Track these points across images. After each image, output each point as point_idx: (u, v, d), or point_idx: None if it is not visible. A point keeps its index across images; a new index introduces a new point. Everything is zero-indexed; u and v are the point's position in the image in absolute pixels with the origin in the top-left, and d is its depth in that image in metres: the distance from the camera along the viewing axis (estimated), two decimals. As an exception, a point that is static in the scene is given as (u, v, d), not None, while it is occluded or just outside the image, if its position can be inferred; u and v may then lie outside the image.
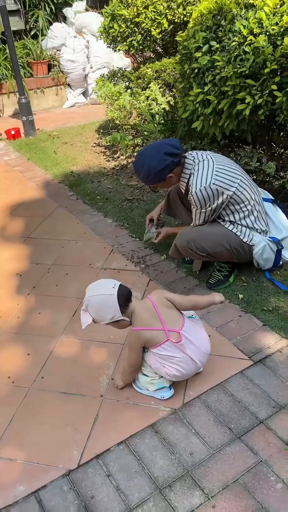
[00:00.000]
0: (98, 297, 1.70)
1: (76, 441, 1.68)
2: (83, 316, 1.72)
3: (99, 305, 1.69)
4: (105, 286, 1.73)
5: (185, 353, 1.72)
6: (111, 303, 1.67)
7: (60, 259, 2.86)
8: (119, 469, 1.58)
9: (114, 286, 1.70)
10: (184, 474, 1.54)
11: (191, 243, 2.31)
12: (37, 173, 4.38)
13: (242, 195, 2.26)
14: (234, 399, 1.80)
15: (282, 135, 3.04)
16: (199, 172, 2.22)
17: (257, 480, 1.51)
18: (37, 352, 2.12)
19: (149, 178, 2.27)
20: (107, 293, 1.68)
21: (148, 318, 1.72)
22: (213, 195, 2.20)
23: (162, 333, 1.70)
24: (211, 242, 2.31)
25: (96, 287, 1.75)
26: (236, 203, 2.27)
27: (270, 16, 2.44)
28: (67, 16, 7.14)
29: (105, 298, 1.68)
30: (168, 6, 4.26)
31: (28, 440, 1.70)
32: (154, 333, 1.70)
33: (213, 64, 2.63)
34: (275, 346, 2.04)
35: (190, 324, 1.78)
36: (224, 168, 2.24)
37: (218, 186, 2.19)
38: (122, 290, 1.70)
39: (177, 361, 1.72)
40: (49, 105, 6.97)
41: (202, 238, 2.30)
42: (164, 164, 2.21)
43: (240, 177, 2.26)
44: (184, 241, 2.33)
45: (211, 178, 2.19)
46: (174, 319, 1.75)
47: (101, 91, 4.54)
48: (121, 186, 3.89)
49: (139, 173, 2.28)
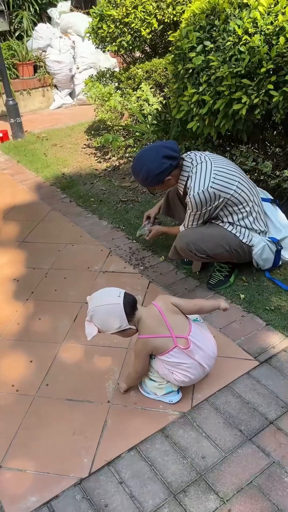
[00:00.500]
0: (104, 308, 1.66)
1: (85, 448, 1.66)
2: (88, 327, 1.68)
3: (105, 316, 1.65)
4: (109, 295, 1.68)
5: (193, 359, 1.71)
6: (118, 313, 1.63)
7: (57, 263, 2.82)
8: (132, 475, 1.56)
9: (119, 295, 1.66)
10: (198, 479, 1.53)
11: (191, 245, 2.30)
12: (28, 176, 4.33)
13: (241, 197, 2.26)
14: (242, 400, 1.80)
15: (276, 134, 3.05)
16: (197, 175, 2.21)
17: (271, 482, 1.50)
18: (40, 359, 2.08)
19: (148, 181, 2.26)
20: (113, 303, 1.64)
21: (155, 325, 1.69)
22: (211, 198, 2.20)
23: (170, 340, 1.68)
24: (210, 244, 2.30)
25: (100, 297, 1.70)
26: (234, 205, 2.27)
27: (264, 15, 2.44)
28: (51, 17, 7.08)
29: (110, 308, 1.64)
30: (158, 6, 4.25)
31: (37, 449, 1.67)
32: (162, 340, 1.68)
33: (208, 64, 2.62)
34: (279, 346, 2.04)
35: (196, 328, 1.76)
36: (222, 170, 2.23)
37: (215, 189, 2.19)
38: (127, 298, 1.67)
39: (185, 367, 1.70)
40: (36, 107, 6.89)
41: (201, 239, 2.30)
42: (162, 167, 2.20)
43: (238, 178, 2.26)
44: (183, 243, 2.31)
45: (209, 181, 2.19)
46: (181, 324, 1.73)
47: (91, 92, 4.50)
48: (115, 187, 3.86)
49: (137, 175, 2.27)
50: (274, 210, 2.47)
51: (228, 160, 2.37)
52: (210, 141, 3.24)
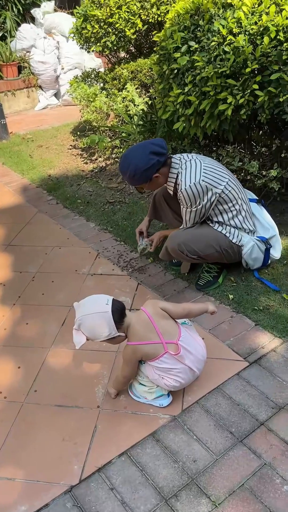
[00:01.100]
0: (92, 316, 1.63)
1: (76, 455, 1.63)
2: (76, 336, 1.65)
3: (93, 324, 1.63)
4: (97, 303, 1.66)
5: (184, 364, 1.70)
6: (106, 321, 1.61)
7: (44, 267, 2.79)
8: (123, 481, 1.54)
9: (107, 303, 1.64)
10: (189, 483, 1.52)
11: (182, 246, 2.29)
12: (13, 178, 4.28)
13: (230, 194, 2.26)
14: (233, 402, 1.79)
15: (262, 134, 3.05)
16: (187, 170, 2.21)
17: (263, 484, 1.50)
18: (28, 364, 2.05)
19: (135, 178, 2.24)
20: (101, 311, 1.62)
21: (145, 332, 1.68)
22: (203, 191, 2.19)
23: (160, 346, 1.67)
24: (201, 244, 2.30)
25: (88, 305, 1.67)
26: (224, 202, 2.26)
27: (248, 15, 2.44)
28: (35, 17, 7.02)
29: (99, 316, 1.62)
30: (142, 6, 4.23)
31: (26, 457, 1.64)
32: (152, 346, 1.66)
33: (193, 65, 2.61)
34: (269, 346, 2.04)
35: (185, 332, 1.75)
36: (211, 168, 2.24)
37: (207, 183, 2.19)
38: (115, 306, 1.65)
39: (176, 372, 1.69)
40: (20, 108, 6.83)
41: (192, 240, 2.29)
42: (150, 163, 2.18)
43: (228, 177, 2.26)
44: (175, 244, 2.30)
45: (200, 175, 2.19)
46: (170, 329, 1.72)
47: (76, 92, 4.47)
48: (102, 188, 3.83)
49: (124, 173, 2.25)
50: (260, 210, 2.48)
51: (215, 161, 2.37)
52: (197, 142, 3.24)
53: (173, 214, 2.59)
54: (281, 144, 2.77)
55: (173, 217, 2.59)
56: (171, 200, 2.54)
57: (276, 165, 2.81)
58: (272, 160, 2.92)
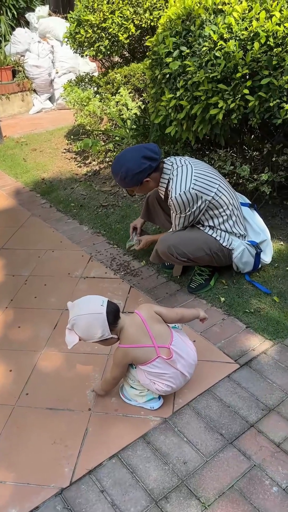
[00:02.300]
0: (86, 316, 1.63)
1: (66, 458, 1.64)
2: (69, 336, 1.65)
3: (87, 325, 1.63)
4: (92, 303, 1.65)
5: (175, 369, 1.70)
6: (100, 322, 1.61)
7: (37, 270, 2.80)
8: (113, 483, 1.54)
9: (102, 304, 1.64)
10: (179, 484, 1.53)
11: (172, 249, 2.30)
12: (7, 181, 4.29)
13: (221, 200, 2.27)
14: (223, 404, 1.80)
15: (254, 138, 3.08)
16: (178, 177, 2.23)
17: (252, 485, 1.51)
18: (19, 367, 2.05)
19: (126, 181, 2.26)
20: (96, 312, 1.62)
21: (137, 335, 1.68)
22: (193, 199, 2.21)
23: (152, 350, 1.67)
24: (191, 247, 2.31)
25: (82, 306, 1.67)
26: (215, 208, 2.28)
27: (239, 21, 2.47)
28: (30, 21, 7.04)
29: (93, 317, 1.62)
30: (135, 11, 4.26)
31: (17, 460, 1.65)
32: (144, 350, 1.67)
33: (185, 69, 2.64)
34: (259, 348, 2.06)
35: (177, 336, 1.76)
36: (202, 174, 2.25)
37: (197, 191, 2.21)
38: (110, 307, 1.65)
39: (167, 377, 1.70)
40: (15, 111, 6.84)
41: (182, 243, 2.31)
42: (141, 167, 2.20)
43: (218, 182, 2.28)
44: (165, 247, 2.32)
45: (190, 183, 2.20)
46: (163, 334, 1.72)
47: (69, 97, 4.49)
48: (95, 192, 3.85)
49: (116, 175, 2.26)
50: (252, 214, 2.50)
51: (207, 165, 2.38)
52: (189, 145, 3.26)
53: (165, 216, 2.60)
54: (272, 148, 2.80)
55: (165, 218, 2.61)
56: (164, 203, 2.56)
57: (267, 169, 2.84)
58: (263, 164, 2.95)
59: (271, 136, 2.93)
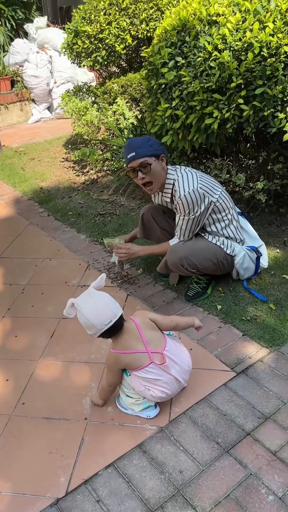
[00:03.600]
0: (88, 318, 1.63)
1: (62, 467, 1.63)
2: (70, 309, 1.67)
3: (86, 320, 1.64)
4: (103, 316, 1.63)
5: (169, 374, 1.71)
6: (98, 328, 1.63)
7: (34, 279, 2.80)
8: (109, 493, 1.54)
9: (106, 324, 1.62)
10: (175, 494, 1.52)
11: (184, 260, 2.31)
12: (5, 190, 4.31)
13: (224, 204, 2.31)
14: (219, 412, 1.80)
15: (250, 147, 3.10)
16: (184, 177, 2.26)
17: (248, 494, 1.50)
18: (16, 377, 2.05)
19: (149, 144, 2.21)
20: (98, 323, 1.62)
21: (131, 341, 1.69)
22: (200, 198, 2.24)
23: (145, 355, 1.68)
24: (201, 258, 2.33)
25: (98, 304, 1.65)
26: (218, 212, 2.31)
27: (233, 32, 2.50)
28: (28, 32, 7.12)
29: (92, 324, 1.63)
30: (131, 22, 4.31)
31: (13, 470, 1.64)
32: (137, 356, 1.68)
33: (180, 80, 2.67)
34: (256, 356, 2.06)
35: (171, 342, 1.77)
36: (205, 177, 2.31)
37: (204, 190, 2.24)
38: (115, 324, 1.64)
39: (162, 383, 1.70)
40: (14, 121, 6.89)
41: (193, 255, 2.32)
42: (161, 146, 2.26)
43: (220, 188, 2.33)
44: (176, 258, 2.32)
45: (197, 182, 2.23)
46: (157, 340, 1.73)
47: (67, 106, 4.53)
48: (93, 200, 3.87)
49: (135, 142, 2.22)
50: (245, 222, 2.53)
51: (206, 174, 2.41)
52: (186, 154, 3.28)
53: (161, 231, 2.60)
54: (267, 157, 2.82)
55: (162, 233, 2.59)
56: (159, 218, 2.57)
57: (262, 177, 2.86)
58: (259, 172, 2.97)
59: (267, 144, 2.96)
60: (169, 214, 2.56)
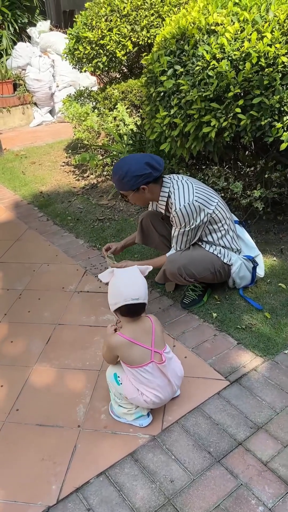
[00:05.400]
0: (126, 286, 1.71)
1: (54, 475, 1.64)
2: (108, 274, 1.78)
3: (118, 288, 1.72)
4: (140, 289, 1.71)
5: (165, 376, 1.73)
6: (124, 297, 1.68)
7: (31, 284, 2.82)
8: (100, 502, 1.55)
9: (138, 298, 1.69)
10: (166, 503, 1.53)
11: (182, 270, 2.32)
12: (6, 194, 4.33)
13: (220, 214, 2.31)
14: (212, 421, 1.81)
15: (248, 154, 3.12)
16: (180, 190, 2.26)
17: (238, 505, 1.51)
18: (11, 383, 2.06)
19: (124, 181, 2.23)
20: (132, 294, 1.68)
21: (141, 333, 1.72)
22: (196, 211, 2.24)
23: (148, 352, 1.70)
24: (199, 268, 2.34)
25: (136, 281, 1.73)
26: (214, 222, 2.32)
27: (231, 41, 2.51)
28: (31, 36, 7.16)
29: (126, 292, 1.69)
30: (132, 28, 4.34)
31: (5, 477, 1.65)
32: (140, 350, 1.69)
33: (178, 88, 2.68)
34: (250, 365, 2.07)
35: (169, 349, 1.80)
36: (202, 188, 2.31)
37: (200, 203, 2.24)
38: (141, 305, 1.72)
39: (155, 385, 1.72)
40: (15, 124, 6.92)
41: (191, 264, 2.33)
42: (142, 172, 2.20)
43: (217, 197, 2.33)
44: (175, 268, 2.33)
45: (193, 195, 2.23)
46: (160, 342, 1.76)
47: (68, 111, 4.55)
48: (92, 205, 3.88)
49: (115, 173, 2.26)
50: (242, 231, 2.53)
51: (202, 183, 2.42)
52: (184, 161, 3.30)
53: (159, 237, 2.61)
54: (265, 165, 2.83)
55: (160, 240, 2.61)
56: (158, 224, 2.59)
57: (259, 185, 2.87)
58: (257, 180, 2.98)
59: (265, 152, 2.97)
60: (167, 221, 2.57)
